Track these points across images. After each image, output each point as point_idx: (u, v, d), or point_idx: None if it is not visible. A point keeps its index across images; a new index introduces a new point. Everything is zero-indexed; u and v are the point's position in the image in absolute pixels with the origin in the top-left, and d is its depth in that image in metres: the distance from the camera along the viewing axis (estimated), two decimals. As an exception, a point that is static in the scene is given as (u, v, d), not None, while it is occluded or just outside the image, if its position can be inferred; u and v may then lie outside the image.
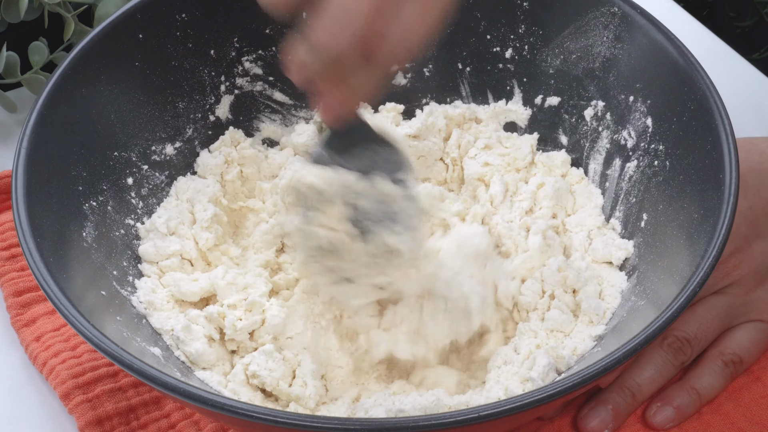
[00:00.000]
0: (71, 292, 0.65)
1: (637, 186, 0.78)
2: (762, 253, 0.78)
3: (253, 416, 0.59)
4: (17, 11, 0.92)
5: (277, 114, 0.87)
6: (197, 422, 0.75)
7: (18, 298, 0.81)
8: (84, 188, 0.74)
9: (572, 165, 0.84)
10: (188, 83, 0.83)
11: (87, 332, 0.63)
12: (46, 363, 0.77)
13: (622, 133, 0.80)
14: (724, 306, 0.77)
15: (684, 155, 0.74)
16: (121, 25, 0.79)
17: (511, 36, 0.85)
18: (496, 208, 0.81)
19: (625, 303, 0.74)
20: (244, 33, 0.84)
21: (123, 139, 0.78)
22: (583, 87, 0.82)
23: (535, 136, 0.85)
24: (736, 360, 0.77)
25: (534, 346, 0.72)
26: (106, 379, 0.76)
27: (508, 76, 0.85)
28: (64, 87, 0.75)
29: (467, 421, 0.59)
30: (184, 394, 0.60)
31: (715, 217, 0.68)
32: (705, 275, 0.65)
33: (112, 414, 0.74)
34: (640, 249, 0.76)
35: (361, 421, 0.59)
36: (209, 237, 0.78)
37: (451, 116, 0.86)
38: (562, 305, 0.74)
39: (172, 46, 0.82)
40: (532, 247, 0.77)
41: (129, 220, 0.77)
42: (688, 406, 0.75)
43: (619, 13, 0.80)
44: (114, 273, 0.73)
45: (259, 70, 0.85)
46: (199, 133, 0.84)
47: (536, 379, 0.68)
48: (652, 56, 0.77)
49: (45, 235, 0.68)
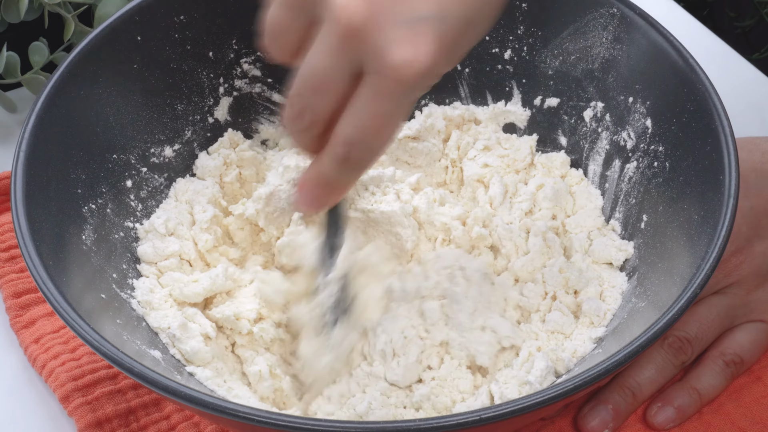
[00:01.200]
0: (70, 295, 0.65)
1: (636, 187, 0.78)
2: (763, 254, 0.78)
3: (253, 419, 0.59)
4: (17, 11, 0.92)
5: (276, 115, 0.87)
6: (197, 424, 0.75)
7: (17, 299, 0.81)
8: (83, 191, 0.74)
9: (572, 166, 0.84)
10: (187, 85, 0.83)
11: (86, 335, 0.63)
12: (45, 365, 0.77)
13: (621, 134, 0.80)
14: (725, 306, 0.77)
15: (684, 156, 0.74)
16: (119, 28, 0.79)
17: (510, 37, 0.84)
18: (496, 209, 0.81)
19: (625, 304, 0.74)
20: (242, 35, 0.84)
21: (122, 142, 0.78)
22: (583, 88, 0.82)
23: (534, 138, 0.85)
24: (736, 360, 0.77)
25: (534, 349, 0.72)
26: (106, 381, 0.76)
27: (507, 77, 0.85)
28: (63, 90, 0.75)
29: (469, 423, 0.59)
30: (184, 397, 0.60)
31: (716, 219, 0.68)
32: (705, 277, 0.65)
33: (112, 416, 0.74)
34: (641, 250, 0.76)
35: (362, 424, 0.59)
36: (208, 238, 0.78)
37: (450, 117, 0.86)
38: (563, 307, 0.74)
39: (170, 48, 0.81)
40: (533, 249, 0.77)
41: (128, 223, 0.77)
42: (688, 406, 0.75)
43: (618, 14, 0.79)
44: (113, 276, 0.73)
45: (258, 71, 0.85)
46: (198, 135, 0.84)
47: (534, 383, 0.68)
48: (651, 57, 0.77)
49: (44, 237, 0.68)
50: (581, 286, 0.75)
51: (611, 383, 0.75)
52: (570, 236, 0.79)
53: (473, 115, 0.86)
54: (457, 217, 0.79)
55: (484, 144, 0.84)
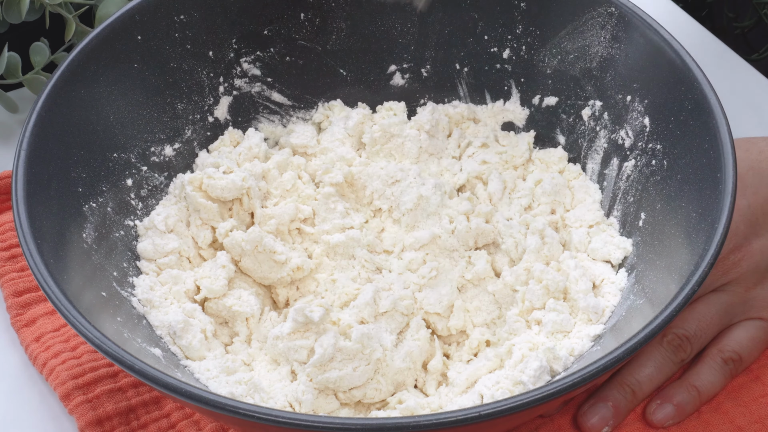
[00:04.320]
0: (71, 293, 0.65)
1: (635, 185, 0.78)
2: (761, 251, 0.78)
3: (254, 416, 0.59)
4: (19, 12, 0.92)
5: (276, 114, 0.87)
6: (197, 422, 0.75)
7: (18, 298, 0.81)
8: (84, 189, 0.74)
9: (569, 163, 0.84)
10: (187, 84, 0.83)
11: (87, 332, 0.63)
12: (46, 363, 0.77)
13: (619, 133, 0.80)
14: (724, 304, 0.77)
15: (682, 154, 0.74)
16: (119, 27, 0.79)
17: (508, 36, 0.85)
18: (495, 205, 0.81)
19: (624, 302, 0.74)
20: (242, 34, 0.84)
21: (122, 141, 0.79)
22: (581, 87, 0.82)
23: (532, 134, 0.85)
24: (735, 358, 0.77)
25: (527, 349, 0.72)
26: (106, 379, 0.76)
27: (505, 77, 0.86)
28: (63, 89, 0.75)
29: (468, 420, 0.59)
30: (185, 395, 0.60)
31: (714, 216, 0.68)
32: (704, 274, 0.65)
33: (112, 414, 0.75)
34: (639, 248, 0.76)
35: (362, 421, 0.59)
36: (207, 235, 0.78)
37: (449, 115, 0.86)
38: (558, 305, 0.74)
39: (170, 48, 0.82)
40: (529, 249, 0.77)
41: (128, 221, 0.78)
42: (687, 403, 0.75)
43: (616, 13, 0.80)
44: (114, 274, 0.73)
45: (258, 71, 0.86)
46: (198, 134, 0.84)
47: (527, 383, 0.68)
48: (649, 56, 0.78)
49: (45, 236, 0.68)
50: (572, 284, 0.75)
51: (611, 381, 0.75)
52: (570, 230, 0.79)
53: (472, 113, 0.87)
54: (464, 213, 0.79)
55: (481, 141, 0.84)
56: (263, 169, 0.81)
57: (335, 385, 0.70)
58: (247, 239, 0.76)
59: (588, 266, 0.77)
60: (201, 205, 0.78)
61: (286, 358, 0.72)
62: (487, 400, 0.68)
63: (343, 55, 0.87)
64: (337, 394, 0.71)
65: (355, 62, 0.87)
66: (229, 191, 0.78)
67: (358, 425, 0.59)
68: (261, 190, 0.80)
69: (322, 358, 0.70)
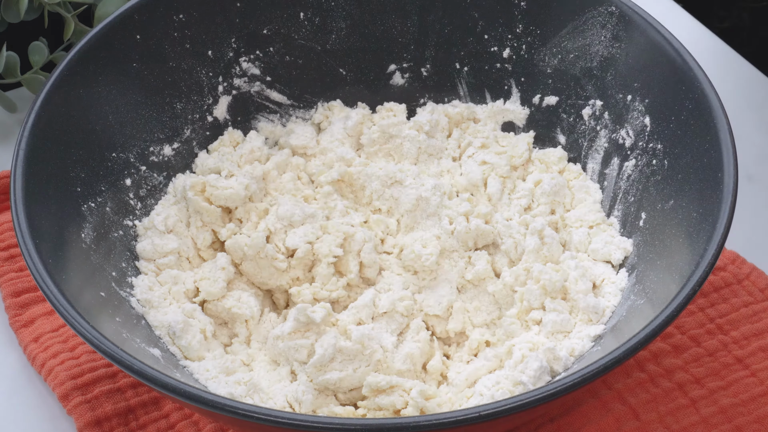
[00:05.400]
0: (70, 293, 0.65)
1: (635, 185, 0.78)
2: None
3: (253, 416, 0.59)
4: (17, 11, 0.92)
5: (275, 114, 0.87)
6: (196, 422, 0.75)
7: (16, 298, 0.81)
8: (82, 189, 0.74)
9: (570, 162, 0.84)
10: (186, 84, 0.83)
11: (86, 333, 0.63)
12: (44, 364, 0.77)
13: (620, 132, 0.80)
14: None
15: (682, 154, 0.74)
16: (118, 27, 0.79)
17: (508, 35, 0.85)
18: (495, 206, 0.81)
19: (624, 302, 0.74)
20: (241, 34, 0.84)
21: (121, 140, 0.78)
22: (581, 86, 0.82)
23: (531, 134, 0.85)
24: None
25: (527, 349, 0.71)
26: (105, 380, 0.76)
27: (505, 76, 0.86)
28: (62, 88, 0.75)
29: (468, 420, 0.59)
30: (184, 395, 0.60)
31: (714, 216, 0.68)
32: (704, 274, 0.65)
33: (111, 415, 0.74)
34: (639, 248, 0.76)
35: (362, 421, 0.59)
36: (207, 236, 0.78)
37: (449, 115, 0.86)
38: (558, 305, 0.74)
39: (169, 47, 0.82)
40: (528, 249, 0.77)
41: (127, 221, 0.77)
42: None
43: (617, 13, 0.80)
44: (112, 274, 0.73)
45: (257, 70, 0.85)
46: (197, 134, 0.84)
47: (527, 383, 0.68)
48: (649, 55, 0.77)
49: (43, 236, 0.68)
50: (571, 284, 0.75)
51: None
52: (570, 230, 0.79)
53: (472, 113, 0.86)
54: (464, 213, 0.79)
55: (481, 141, 0.84)
56: (263, 171, 0.81)
57: (335, 386, 0.70)
58: (250, 244, 0.76)
59: (588, 266, 0.76)
60: (203, 208, 0.78)
61: (286, 358, 0.72)
62: (487, 400, 0.68)
63: (342, 54, 0.87)
64: (336, 395, 0.71)
65: (354, 62, 0.87)
66: (233, 201, 0.78)
67: (358, 425, 0.59)
68: (261, 191, 0.80)
69: (322, 358, 0.70)
